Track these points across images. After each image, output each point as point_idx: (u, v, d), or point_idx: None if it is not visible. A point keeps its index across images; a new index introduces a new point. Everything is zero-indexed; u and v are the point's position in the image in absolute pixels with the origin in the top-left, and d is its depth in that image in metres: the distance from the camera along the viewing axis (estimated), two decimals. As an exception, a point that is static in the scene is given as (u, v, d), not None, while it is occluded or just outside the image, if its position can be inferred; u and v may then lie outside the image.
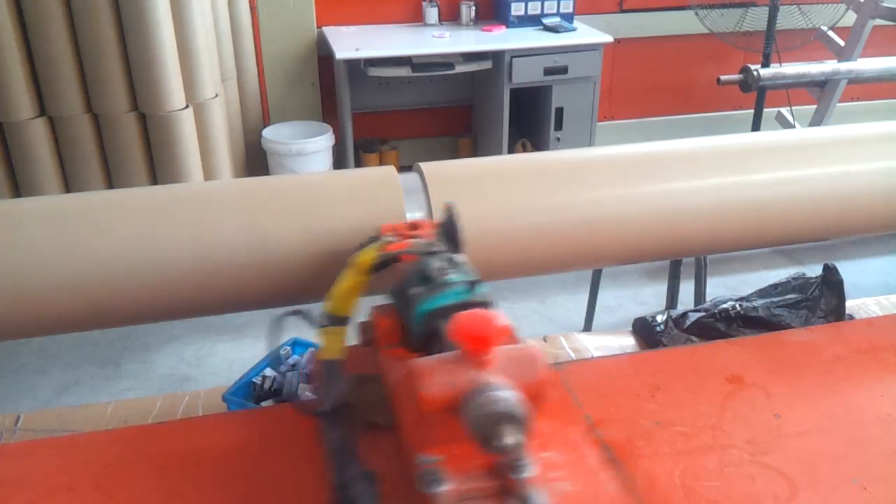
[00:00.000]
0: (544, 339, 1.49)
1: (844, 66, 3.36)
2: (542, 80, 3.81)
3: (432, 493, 0.66)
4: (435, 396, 0.67)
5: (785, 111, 4.78)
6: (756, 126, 3.92)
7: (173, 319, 1.08)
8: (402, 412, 0.76)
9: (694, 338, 1.37)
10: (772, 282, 1.50)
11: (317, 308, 0.89)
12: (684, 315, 1.43)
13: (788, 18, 3.46)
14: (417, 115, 4.42)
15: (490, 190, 1.13)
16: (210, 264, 1.00)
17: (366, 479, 0.75)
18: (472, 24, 4.13)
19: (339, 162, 4.01)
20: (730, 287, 3.42)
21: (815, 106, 4.17)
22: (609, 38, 3.83)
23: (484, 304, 0.77)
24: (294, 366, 1.23)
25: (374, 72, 3.66)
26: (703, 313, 1.40)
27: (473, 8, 4.14)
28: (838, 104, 4.40)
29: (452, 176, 1.16)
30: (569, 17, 4.08)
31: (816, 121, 4.42)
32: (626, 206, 1.13)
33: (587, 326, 2.82)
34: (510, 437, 0.63)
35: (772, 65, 3.78)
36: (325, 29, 4.04)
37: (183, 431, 0.98)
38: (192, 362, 2.79)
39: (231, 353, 2.80)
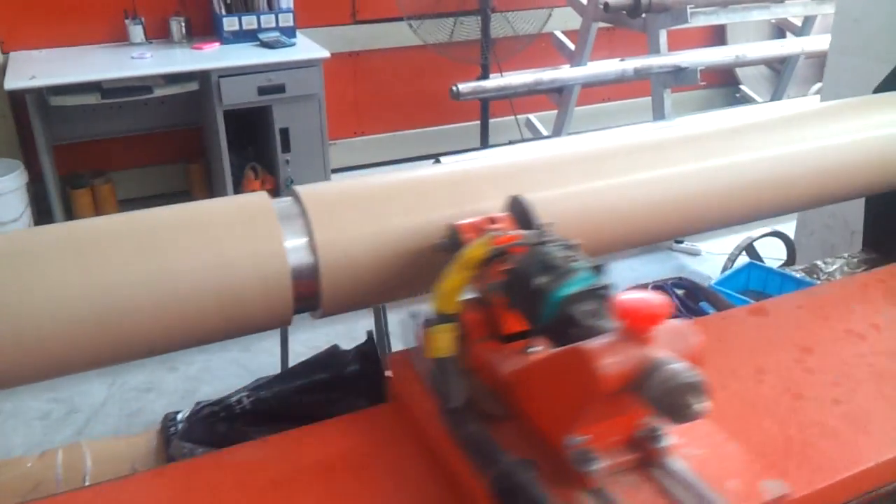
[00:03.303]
0: (40, 456, 1.21)
1: (548, 76, 3.33)
2: (257, 100, 3.54)
3: (588, 471, 0.74)
4: (614, 376, 0.70)
5: (533, 117, 4.80)
6: (483, 136, 3.86)
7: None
8: (551, 397, 0.80)
9: (194, 447, 1.13)
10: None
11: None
12: (202, 409, 1.20)
13: (497, 27, 3.39)
14: (140, 141, 4.02)
15: None
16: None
17: (524, 467, 0.75)
18: (184, 41, 3.80)
19: (38, 201, 3.56)
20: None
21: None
22: (326, 54, 3.61)
23: (610, 287, 0.80)
24: None
25: (57, 101, 3.24)
26: (216, 408, 1.18)
27: (184, 24, 3.80)
28: (580, 108, 4.44)
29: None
30: (290, 32, 3.83)
31: (558, 125, 4.44)
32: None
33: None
34: (698, 405, 0.67)
35: (493, 74, 3.72)
36: (11, 54, 3.57)
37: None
38: None
39: None
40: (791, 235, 2.86)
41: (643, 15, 3.59)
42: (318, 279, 0.98)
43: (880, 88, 1.84)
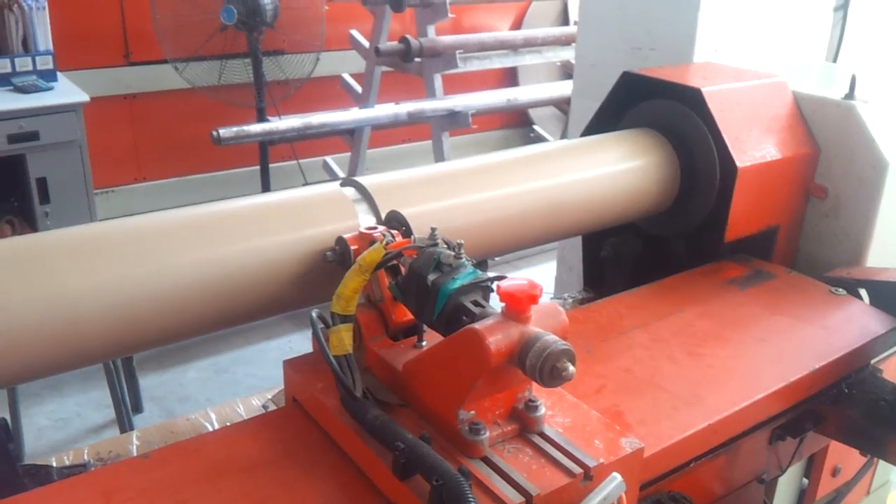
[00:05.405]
0: None
1: (317, 120, 3.29)
2: (7, 149, 3.25)
3: (477, 441, 0.88)
4: (501, 350, 0.83)
5: (329, 159, 4.75)
6: (265, 180, 3.76)
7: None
8: (444, 378, 0.91)
9: None
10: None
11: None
12: None
13: (268, 71, 3.32)
14: None
15: None
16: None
17: (424, 441, 0.85)
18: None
19: None
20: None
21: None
22: (85, 97, 3.39)
23: (494, 278, 0.93)
24: None
25: None
26: None
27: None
28: (384, 149, 4.44)
29: None
30: (49, 75, 3.57)
31: (352, 166, 4.42)
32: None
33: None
34: (571, 367, 0.82)
35: (273, 118, 3.65)
36: None
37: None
38: None
39: None
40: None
41: (417, 60, 3.66)
42: None
43: (589, 128, 1.93)
